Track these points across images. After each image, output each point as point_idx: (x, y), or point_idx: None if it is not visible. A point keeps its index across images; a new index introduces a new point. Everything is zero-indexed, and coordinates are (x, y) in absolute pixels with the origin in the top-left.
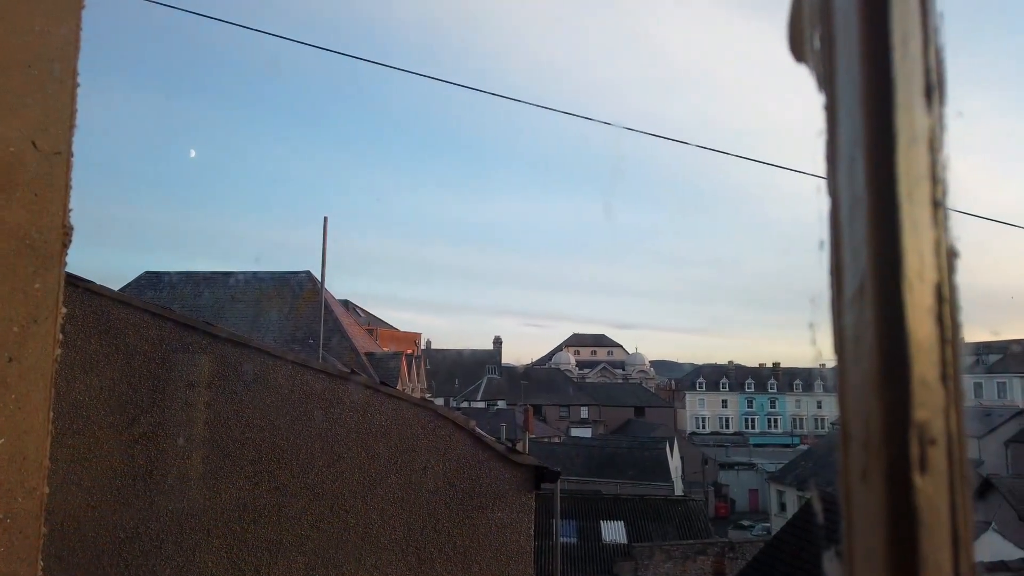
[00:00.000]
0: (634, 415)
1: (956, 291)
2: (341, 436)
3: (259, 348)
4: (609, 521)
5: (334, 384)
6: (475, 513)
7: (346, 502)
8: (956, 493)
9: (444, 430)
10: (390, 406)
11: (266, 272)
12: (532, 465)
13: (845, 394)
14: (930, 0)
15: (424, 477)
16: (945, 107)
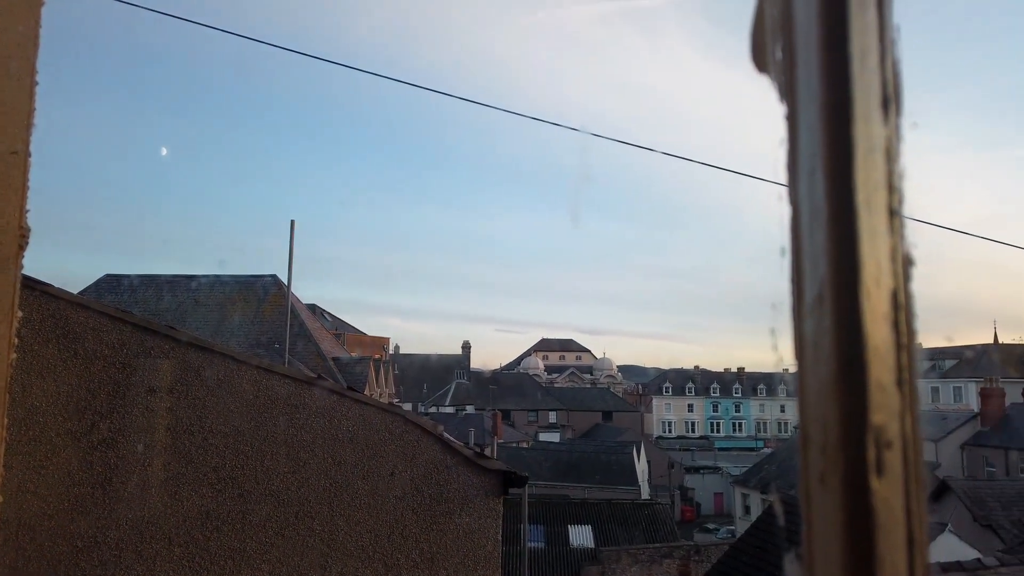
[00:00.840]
0: (602, 419)
1: (912, 298)
2: (307, 442)
3: (222, 352)
4: (577, 525)
5: (300, 389)
6: (442, 519)
7: (311, 508)
8: (911, 495)
9: (411, 435)
10: (357, 411)
11: (231, 276)
12: (500, 470)
13: (805, 399)
14: (887, 14)
15: (391, 483)
16: (901, 118)
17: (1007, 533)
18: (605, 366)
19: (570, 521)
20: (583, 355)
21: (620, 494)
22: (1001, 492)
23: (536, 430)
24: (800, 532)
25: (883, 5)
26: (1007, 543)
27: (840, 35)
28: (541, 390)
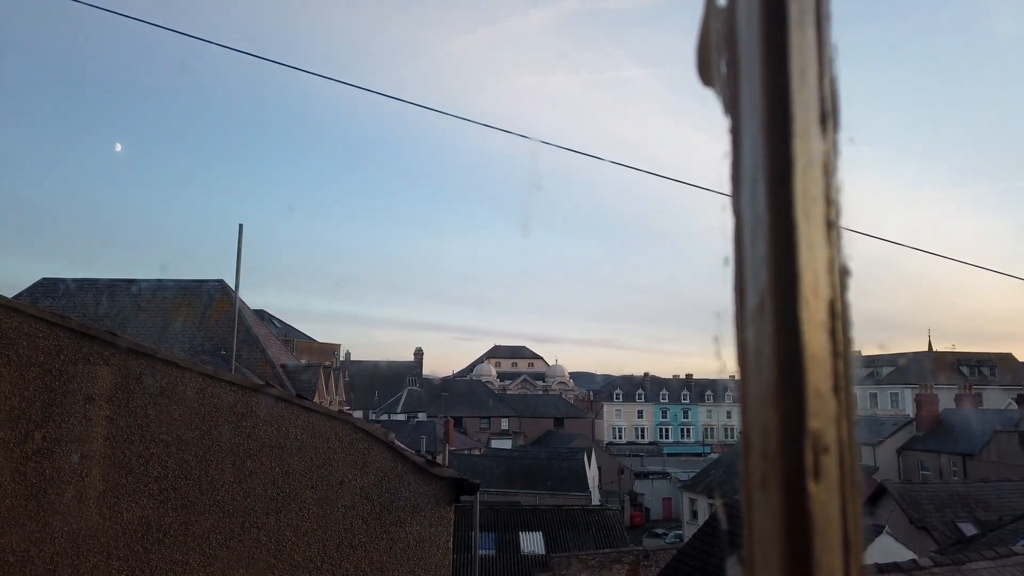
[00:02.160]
0: (554, 426)
1: (848, 307)
2: (253, 451)
3: (165, 359)
4: (528, 532)
5: (246, 397)
6: (392, 528)
7: (258, 519)
8: (847, 499)
9: (362, 443)
10: (306, 419)
11: (174, 280)
12: (451, 478)
13: (747, 405)
14: (826, 33)
15: (340, 492)
16: (838, 134)
17: (940, 534)
18: (557, 373)
19: (521, 528)
20: (535, 362)
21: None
22: (935, 494)
23: (488, 437)
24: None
25: (821, 25)
26: (940, 544)
27: (780, 52)
28: (493, 397)
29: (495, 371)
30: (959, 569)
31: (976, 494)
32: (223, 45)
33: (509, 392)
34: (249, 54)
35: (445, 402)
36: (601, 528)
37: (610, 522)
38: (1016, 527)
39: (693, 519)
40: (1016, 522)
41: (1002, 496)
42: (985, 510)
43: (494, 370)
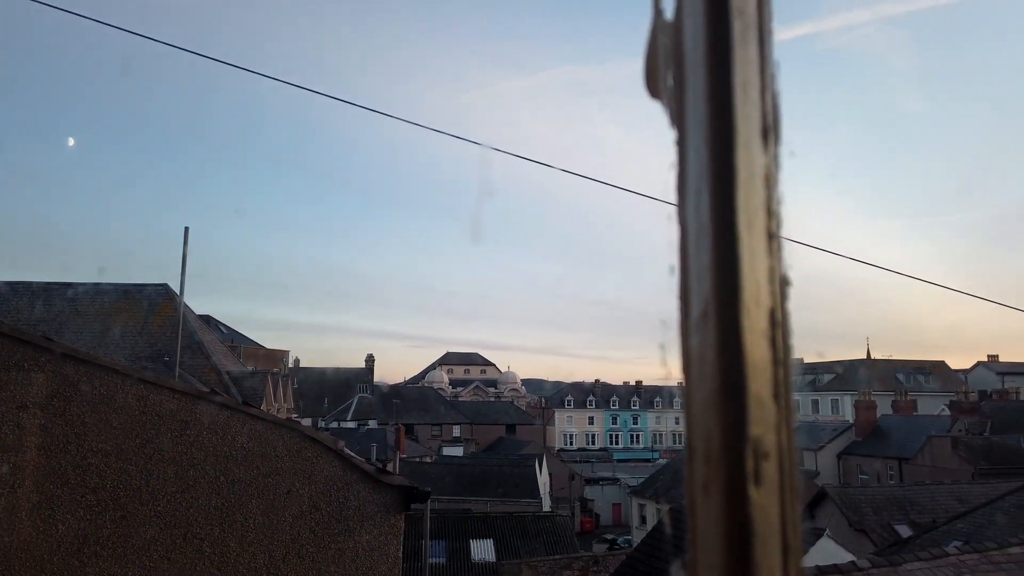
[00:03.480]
0: (506, 433)
1: (788, 316)
2: (197, 460)
3: (104, 365)
4: (479, 539)
5: (190, 404)
6: (341, 537)
7: (201, 530)
8: (786, 503)
9: (310, 452)
10: (252, 427)
11: (114, 284)
12: (401, 486)
13: (691, 411)
14: (768, 50)
15: (288, 501)
16: (780, 147)
17: (878, 536)
18: (509, 380)
19: (472, 535)
20: (487, 369)
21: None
22: (872, 498)
23: (440, 444)
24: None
25: (764, 42)
26: (878, 545)
27: (724, 67)
28: (445, 404)
29: (447, 378)
30: (895, 570)
31: (911, 497)
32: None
33: (461, 399)
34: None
35: (396, 409)
36: (551, 534)
37: (560, 528)
38: (949, 529)
39: (642, 524)
40: (949, 524)
41: (935, 499)
42: (919, 512)
43: (446, 377)
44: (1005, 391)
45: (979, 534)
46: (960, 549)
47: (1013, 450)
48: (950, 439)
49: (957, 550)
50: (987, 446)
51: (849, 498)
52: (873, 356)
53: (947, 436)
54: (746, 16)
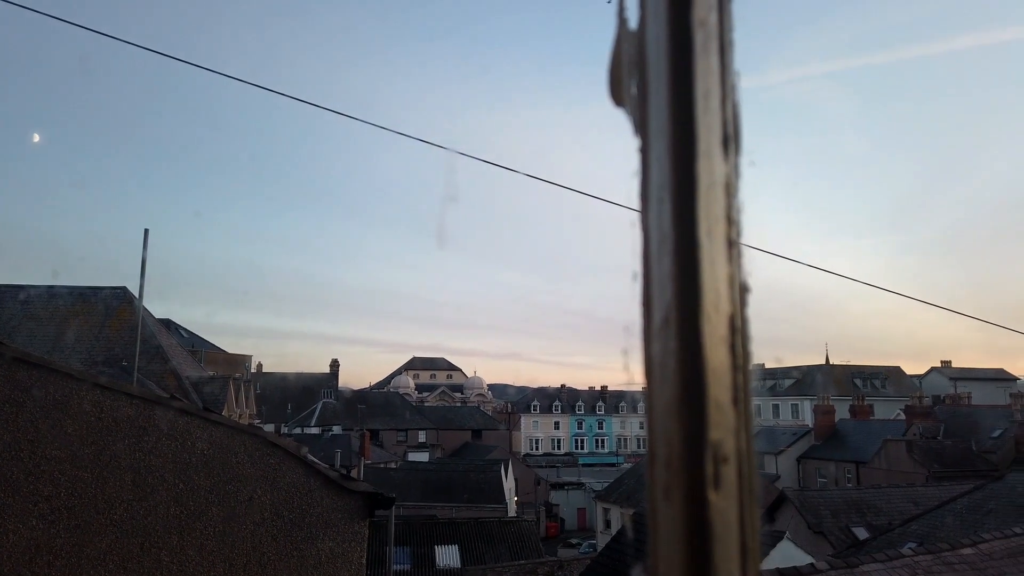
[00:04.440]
0: (471, 438)
1: (747, 322)
2: (156, 467)
3: (58, 370)
4: (444, 546)
5: (148, 410)
6: (303, 544)
7: (159, 539)
8: (745, 507)
9: (273, 458)
10: (212, 433)
11: (69, 287)
12: (366, 492)
13: (652, 417)
14: (728, 60)
15: (249, 508)
16: (740, 156)
17: (836, 538)
18: (476, 385)
19: (437, 541)
20: (454, 374)
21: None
22: (831, 501)
23: (406, 450)
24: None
25: (724, 52)
26: (836, 548)
27: (686, 77)
28: (411, 409)
29: (413, 383)
30: (852, 572)
31: (868, 500)
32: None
33: (427, 404)
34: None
35: (361, 415)
36: (517, 540)
37: (525, 533)
38: (904, 530)
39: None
40: (904, 526)
41: (891, 501)
42: (876, 515)
43: (412, 382)
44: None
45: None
46: (915, 551)
47: (965, 453)
48: (905, 443)
49: (912, 551)
50: (940, 449)
51: (808, 501)
52: (832, 362)
53: (902, 440)
54: (708, 27)
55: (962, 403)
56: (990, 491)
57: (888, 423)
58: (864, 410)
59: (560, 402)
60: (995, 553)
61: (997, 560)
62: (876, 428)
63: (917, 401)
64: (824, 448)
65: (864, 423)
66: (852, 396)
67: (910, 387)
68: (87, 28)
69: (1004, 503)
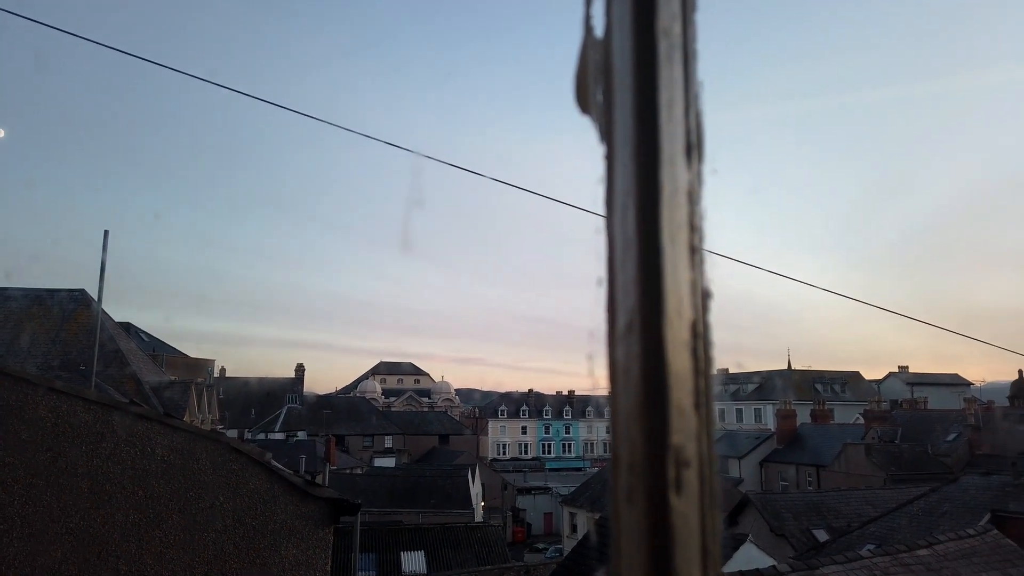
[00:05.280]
0: (439, 443)
1: (709, 328)
2: (114, 474)
3: (12, 374)
4: (410, 552)
5: (106, 415)
6: (267, 552)
7: (117, 547)
8: (706, 510)
9: (235, 464)
10: (174, 439)
11: (23, 289)
12: (331, 498)
13: (616, 421)
14: (692, 69)
15: (211, 515)
16: (703, 164)
17: (797, 541)
18: (443, 389)
19: (403, 547)
20: (421, 379)
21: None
22: (792, 504)
23: (372, 455)
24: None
25: (688, 62)
26: (797, 550)
27: (650, 86)
28: (377, 414)
29: (380, 387)
30: (812, 574)
31: (828, 502)
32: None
33: (394, 409)
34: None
35: (327, 420)
36: (483, 545)
37: (492, 539)
38: (863, 532)
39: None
40: (863, 528)
41: (850, 504)
42: (836, 517)
43: (379, 386)
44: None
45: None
46: (873, 552)
47: (921, 456)
48: (864, 446)
49: (870, 553)
50: (897, 453)
51: (770, 504)
52: (794, 367)
53: (861, 444)
54: (671, 36)
55: (919, 407)
56: (945, 494)
57: (848, 427)
58: (824, 414)
59: (527, 407)
60: (949, 554)
61: (951, 561)
62: (836, 432)
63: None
64: (786, 452)
65: (824, 427)
66: (813, 401)
67: (869, 392)
68: (43, 23)
69: (958, 505)
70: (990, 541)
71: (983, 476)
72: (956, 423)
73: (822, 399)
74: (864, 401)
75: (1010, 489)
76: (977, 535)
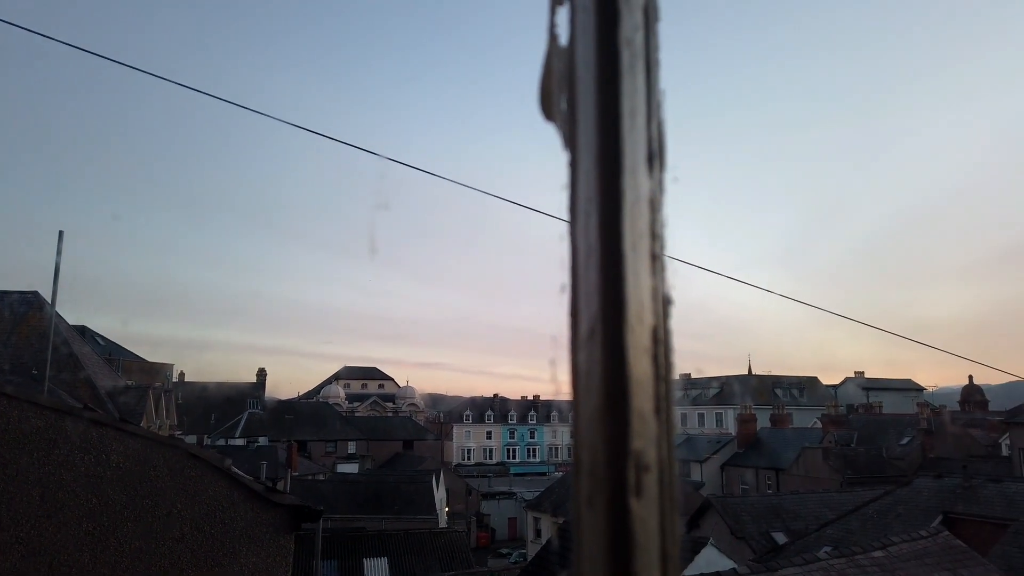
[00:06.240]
0: (403, 448)
1: (670, 334)
2: (67, 481)
3: None
4: (372, 558)
5: (59, 421)
6: (226, 560)
7: (70, 557)
8: (666, 514)
9: (194, 471)
10: (129, 445)
11: None
12: (292, 505)
13: (578, 426)
14: (654, 79)
15: (168, 523)
16: (664, 173)
17: (757, 543)
18: (408, 394)
19: (365, 554)
20: (386, 383)
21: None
22: (752, 507)
23: (335, 461)
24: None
25: (651, 71)
26: (757, 553)
27: (612, 95)
28: (341, 419)
29: (344, 392)
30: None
31: (787, 505)
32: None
33: (358, 414)
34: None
35: (289, 426)
36: (447, 551)
37: (456, 544)
38: (820, 535)
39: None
40: (820, 530)
41: (808, 506)
42: (794, 520)
43: (343, 391)
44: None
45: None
46: (830, 554)
47: (876, 460)
48: (821, 450)
49: (827, 555)
50: (854, 456)
51: (731, 507)
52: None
53: (819, 447)
54: (634, 46)
55: (874, 412)
56: (898, 496)
57: (806, 431)
58: (784, 419)
59: (493, 412)
60: (903, 555)
61: (904, 562)
62: (795, 436)
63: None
64: (746, 456)
65: (783, 431)
66: (773, 405)
67: (826, 396)
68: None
69: (911, 507)
70: (941, 542)
71: (935, 479)
72: (909, 427)
73: (781, 403)
74: (822, 406)
75: (960, 491)
76: (929, 536)
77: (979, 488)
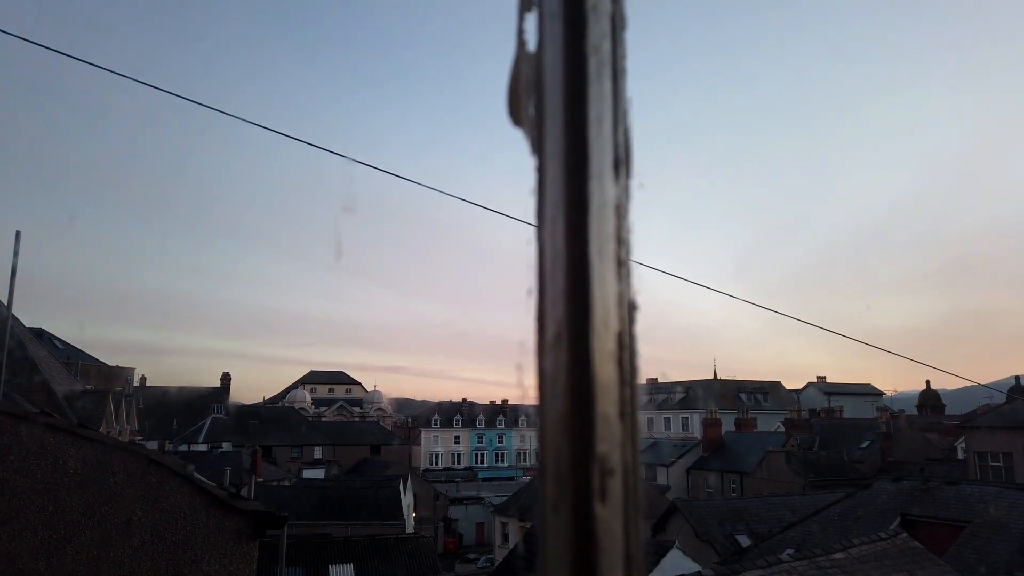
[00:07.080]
0: (370, 453)
1: (635, 339)
2: (21, 488)
3: None
4: (338, 565)
5: (14, 426)
6: (187, 567)
7: (25, 566)
8: (630, 518)
9: (154, 477)
10: (87, 451)
11: None
12: (256, 511)
13: (544, 431)
14: (621, 86)
15: (127, 530)
16: (630, 179)
17: (721, 546)
18: (376, 399)
19: (331, 560)
20: (353, 388)
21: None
22: (717, 510)
23: (300, 466)
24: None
25: (617, 79)
26: (721, 555)
27: (580, 101)
28: (307, 424)
29: (310, 397)
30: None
31: (750, 508)
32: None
33: (324, 419)
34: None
35: (253, 431)
36: (414, 556)
37: (423, 550)
38: (783, 537)
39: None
40: (783, 533)
41: (771, 509)
42: (758, 523)
43: (309, 396)
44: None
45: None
46: (792, 556)
47: (837, 463)
48: (784, 454)
49: (790, 557)
50: (816, 460)
51: (696, 511)
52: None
53: (782, 451)
54: (601, 53)
55: (835, 416)
56: (859, 499)
57: (769, 435)
58: (748, 423)
59: (461, 416)
60: (863, 557)
61: (864, 563)
62: (758, 440)
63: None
64: (711, 459)
65: (748, 435)
66: (737, 410)
67: (789, 401)
68: None
69: (871, 510)
70: (900, 544)
71: (894, 482)
72: (869, 431)
73: (746, 408)
74: (785, 410)
75: (918, 494)
76: (888, 538)
77: (936, 491)
